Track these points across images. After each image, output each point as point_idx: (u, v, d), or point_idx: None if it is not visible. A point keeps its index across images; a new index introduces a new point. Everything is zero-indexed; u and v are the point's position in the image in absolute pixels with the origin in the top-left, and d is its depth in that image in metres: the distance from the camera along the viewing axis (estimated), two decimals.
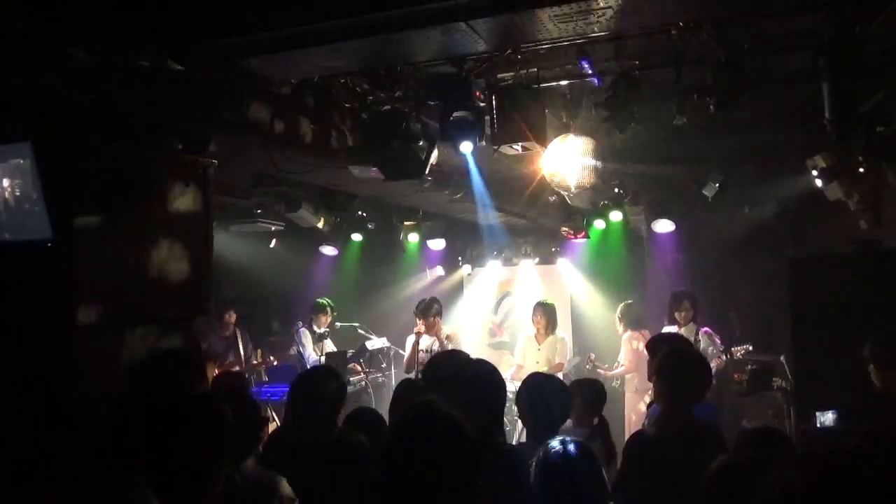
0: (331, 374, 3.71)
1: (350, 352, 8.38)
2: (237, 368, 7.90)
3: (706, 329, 7.14)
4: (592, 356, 7.98)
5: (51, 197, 3.76)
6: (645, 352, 5.11)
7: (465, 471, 1.99)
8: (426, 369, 3.76)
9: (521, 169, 6.75)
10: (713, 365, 6.69)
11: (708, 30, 3.90)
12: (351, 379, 8.03)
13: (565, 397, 3.44)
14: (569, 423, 3.81)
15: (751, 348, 6.99)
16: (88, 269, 3.84)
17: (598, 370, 7.80)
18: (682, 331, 6.92)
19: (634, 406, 7.51)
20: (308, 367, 7.35)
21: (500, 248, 9.85)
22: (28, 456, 3.54)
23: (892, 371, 4.15)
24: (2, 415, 3.73)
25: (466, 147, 4.49)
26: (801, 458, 1.73)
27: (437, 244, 9.49)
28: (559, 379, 3.90)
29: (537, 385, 3.46)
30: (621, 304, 7.89)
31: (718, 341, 7.06)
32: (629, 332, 7.69)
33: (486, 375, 3.20)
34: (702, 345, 6.92)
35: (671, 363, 3.56)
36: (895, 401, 4.07)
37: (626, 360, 7.65)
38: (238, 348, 8.09)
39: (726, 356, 6.94)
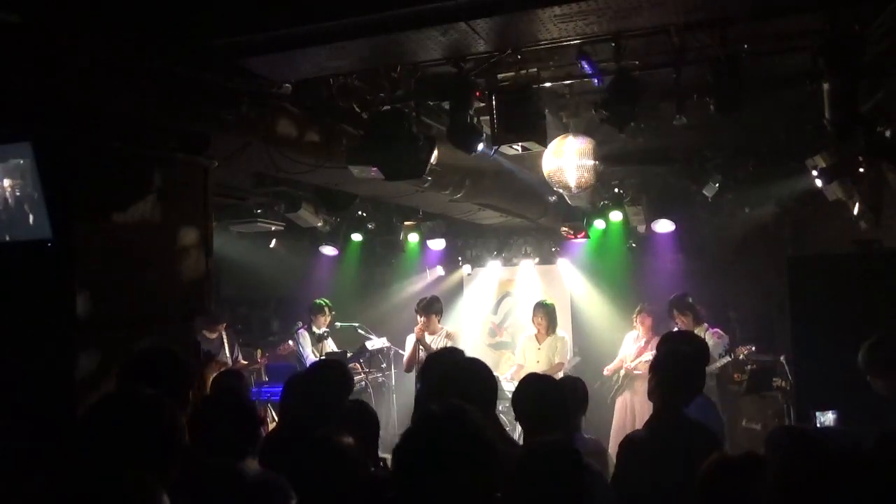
0: (331, 367, 3.71)
1: (350, 352, 8.37)
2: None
3: (715, 330, 7.14)
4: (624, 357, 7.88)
5: (51, 197, 3.76)
6: None
7: (486, 479, 1.97)
8: (425, 368, 3.75)
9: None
10: (715, 366, 6.68)
11: (708, 30, 3.90)
12: None
13: (562, 398, 3.43)
14: None
15: (753, 349, 6.98)
16: (88, 270, 3.84)
17: (606, 373, 7.75)
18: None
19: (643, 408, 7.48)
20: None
21: (499, 248, 9.85)
22: (28, 456, 3.54)
23: (888, 375, 4.02)
24: (2, 415, 3.74)
25: (481, 147, 4.53)
26: (805, 458, 1.73)
27: (437, 244, 9.49)
28: (556, 379, 3.89)
29: (533, 385, 3.46)
30: (640, 305, 7.79)
31: (726, 343, 7.04)
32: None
33: (483, 375, 3.19)
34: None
35: (665, 361, 3.57)
36: None
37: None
38: (224, 351, 8.07)
39: (730, 356, 6.92)
